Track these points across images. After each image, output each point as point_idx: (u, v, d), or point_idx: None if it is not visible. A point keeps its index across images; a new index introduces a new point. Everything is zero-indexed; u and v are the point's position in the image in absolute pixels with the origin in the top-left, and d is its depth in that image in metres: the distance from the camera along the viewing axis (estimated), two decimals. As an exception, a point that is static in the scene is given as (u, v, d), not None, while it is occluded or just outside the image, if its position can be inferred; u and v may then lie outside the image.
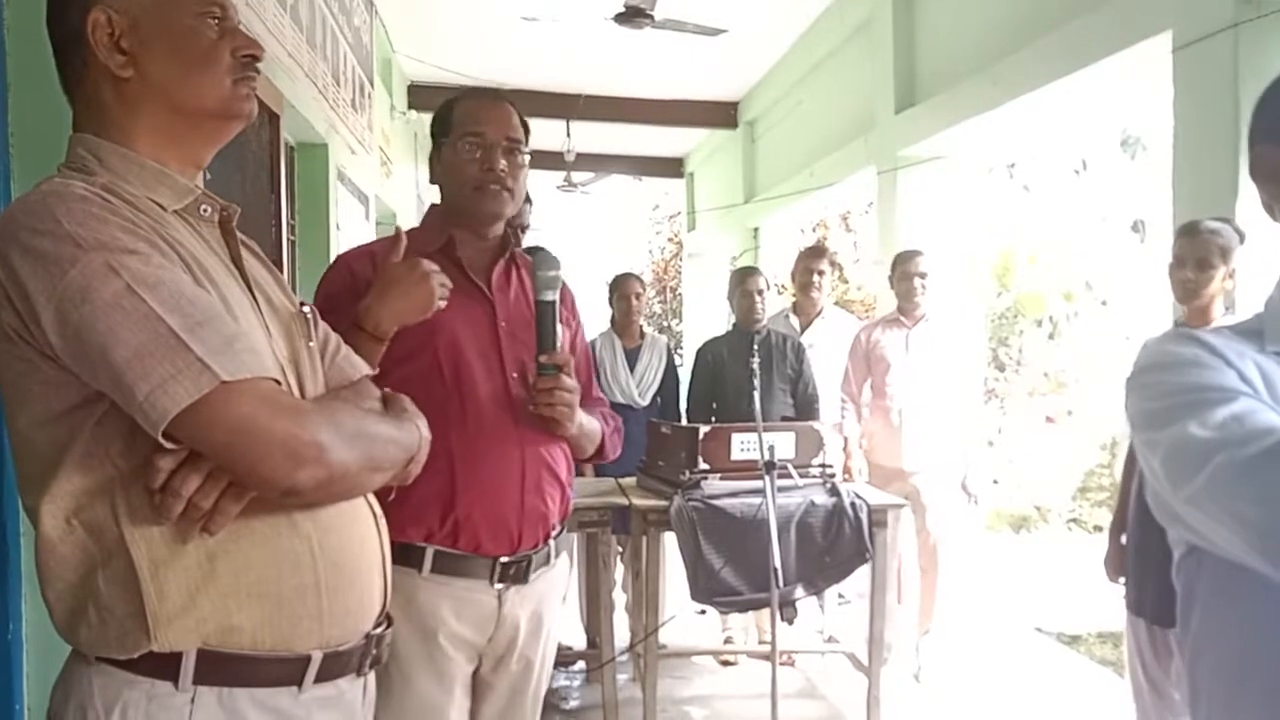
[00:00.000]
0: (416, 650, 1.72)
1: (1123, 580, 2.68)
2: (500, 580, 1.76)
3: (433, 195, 1.98)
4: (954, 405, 4.18)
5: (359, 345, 1.49)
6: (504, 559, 1.76)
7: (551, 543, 1.86)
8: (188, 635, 1.05)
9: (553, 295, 1.77)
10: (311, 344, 1.25)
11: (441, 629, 1.73)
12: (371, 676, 1.26)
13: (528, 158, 1.87)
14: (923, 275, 4.20)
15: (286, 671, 1.11)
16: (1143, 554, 2.51)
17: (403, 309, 1.58)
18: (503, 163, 1.80)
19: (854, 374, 4.40)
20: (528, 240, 3.77)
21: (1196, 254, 2.63)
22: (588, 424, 1.90)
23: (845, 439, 4.42)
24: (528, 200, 3.39)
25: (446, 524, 1.73)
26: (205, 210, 1.18)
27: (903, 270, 4.26)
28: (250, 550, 1.08)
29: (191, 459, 1.02)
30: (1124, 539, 2.70)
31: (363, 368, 1.35)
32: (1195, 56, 3.15)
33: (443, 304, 1.62)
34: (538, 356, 1.76)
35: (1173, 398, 0.97)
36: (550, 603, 1.90)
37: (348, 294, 1.72)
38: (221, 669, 1.07)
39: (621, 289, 4.66)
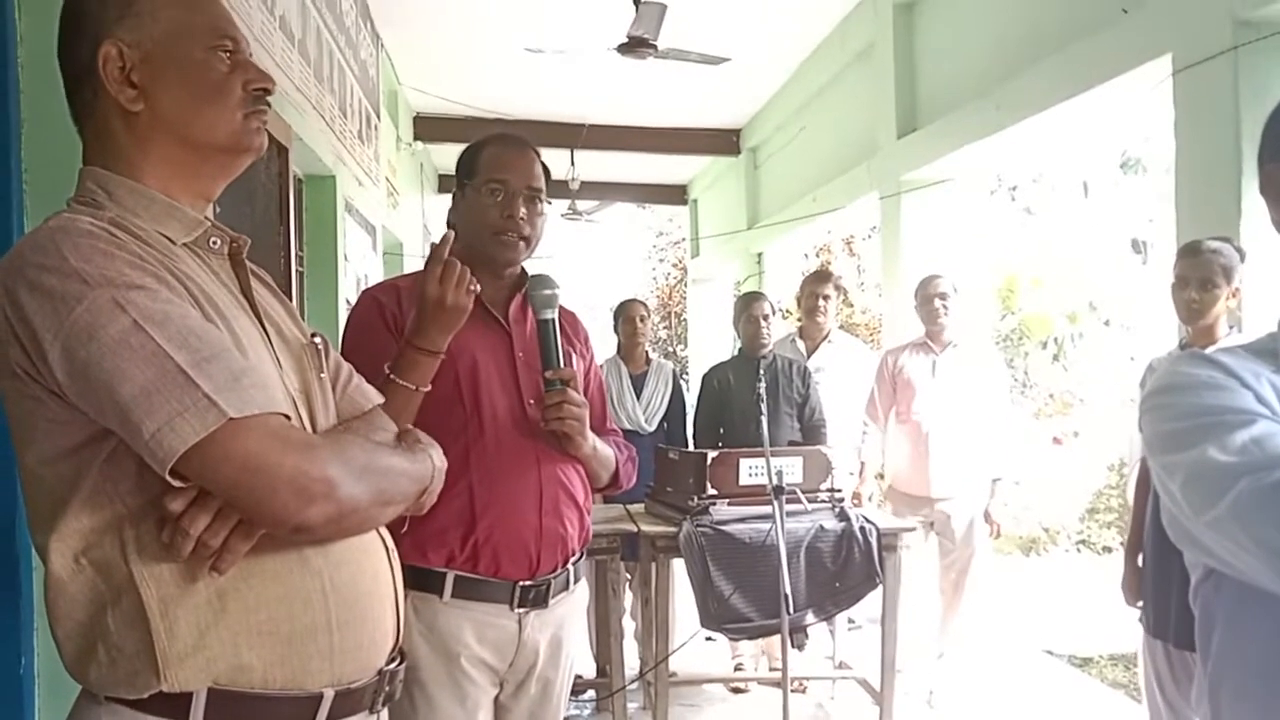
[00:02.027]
0: (440, 674, 1.76)
1: (1140, 604, 2.66)
2: (520, 605, 1.80)
3: (437, 226, 2.02)
4: (980, 432, 4.14)
5: (417, 363, 1.58)
6: (524, 583, 1.79)
7: (570, 568, 1.89)
8: (198, 674, 1.03)
9: (551, 314, 1.85)
10: (323, 375, 1.25)
11: (464, 652, 1.77)
12: (385, 714, 1.24)
13: (548, 205, 1.94)
14: (943, 296, 4.20)
15: (298, 710, 1.09)
16: (1163, 576, 2.48)
17: (445, 322, 1.61)
18: (523, 210, 1.87)
19: (880, 398, 4.39)
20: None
21: (1200, 274, 2.63)
22: (602, 449, 1.95)
23: (863, 463, 4.40)
24: None
25: (467, 547, 1.76)
26: (215, 242, 1.17)
27: (924, 294, 4.27)
28: (261, 588, 1.07)
29: (200, 497, 1.01)
30: (1140, 561, 2.68)
31: (375, 398, 1.34)
32: (1195, 79, 3.17)
33: (476, 288, 1.66)
34: (543, 373, 1.82)
35: (1190, 420, 0.96)
36: (570, 628, 1.93)
37: (379, 324, 1.80)
38: (232, 708, 1.05)
39: (626, 314, 4.68)
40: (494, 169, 1.88)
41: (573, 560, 1.90)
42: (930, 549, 4.24)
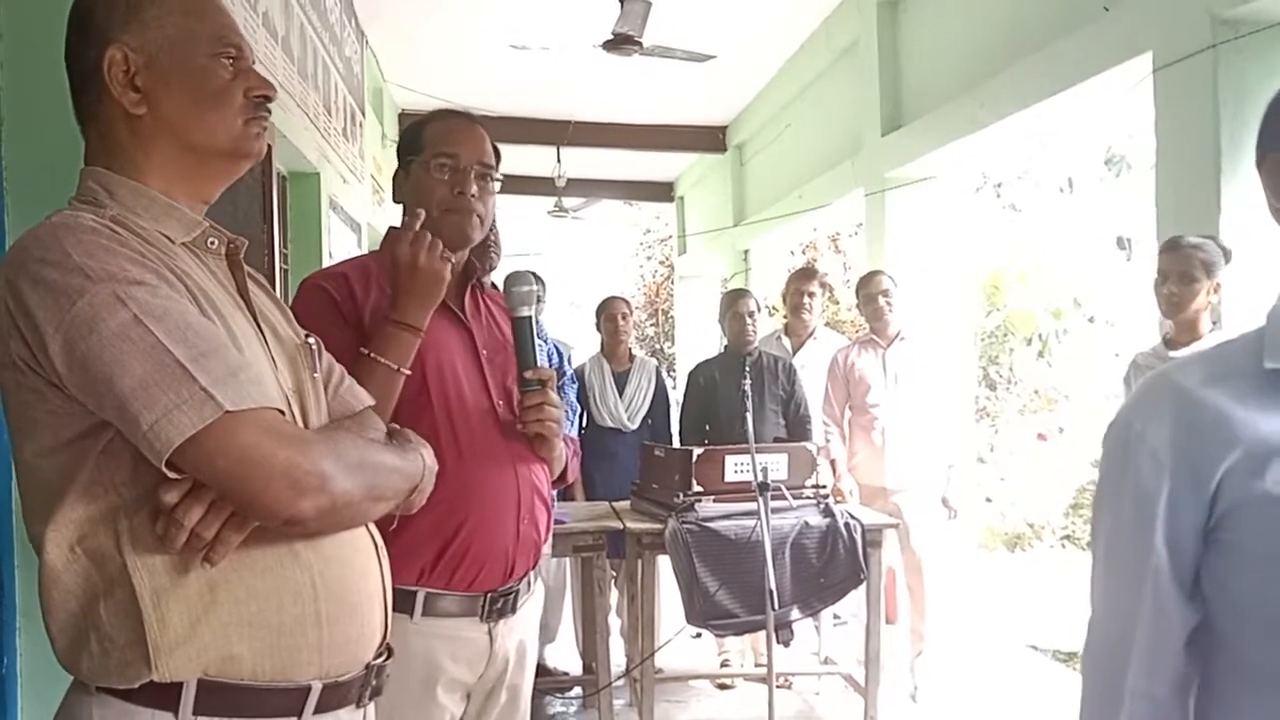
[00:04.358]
0: (406, 699, 1.64)
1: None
2: (489, 616, 1.71)
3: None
4: (937, 422, 4.20)
5: (398, 340, 1.55)
6: (492, 593, 1.71)
7: (532, 572, 1.82)
8: (188, 665, 1.04)
9: (528, 310, 1.75)
10: (316, 375, 1.26)
11: (441, 677, 1.68)
12: (371, 708, 1.26)
13: (498, 184, 1.82)
14: (885, 293, 4.26)
15: (286, 702, 1.11)
16: None
17: (423, 290, 1.58)
18: (474, 187, 1.75)
19: (834, 396, 4.43)
20: (517, 264, 3.78)
21: (1178, 268, 2.67)
22: (560, 446, 1.87)
23: (833, 461, 4.44)
24: (495, 245, 3.36)
25: (442, 560, 1.67)
26: (213, 243, 1.19)
27: (865, 293, 4.33)
28: (252, 580, 1.08)
29: (195, 489, 1.02)
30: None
31: (365, 399, 1.35)
32: (1175, 77, 3.20)
33: (452, 259, 1.62)
34: (521, 372, 1.73)
35: (1103, 517, 0.99)
36: (531, 630, 1.87)
37: (333, 315, 1.67)
38: (221, 699, 1.06)
39: (607, 311, 4.69)
40: (443, 143, 1.75)
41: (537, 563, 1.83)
42: (895, 543, 4.26)
